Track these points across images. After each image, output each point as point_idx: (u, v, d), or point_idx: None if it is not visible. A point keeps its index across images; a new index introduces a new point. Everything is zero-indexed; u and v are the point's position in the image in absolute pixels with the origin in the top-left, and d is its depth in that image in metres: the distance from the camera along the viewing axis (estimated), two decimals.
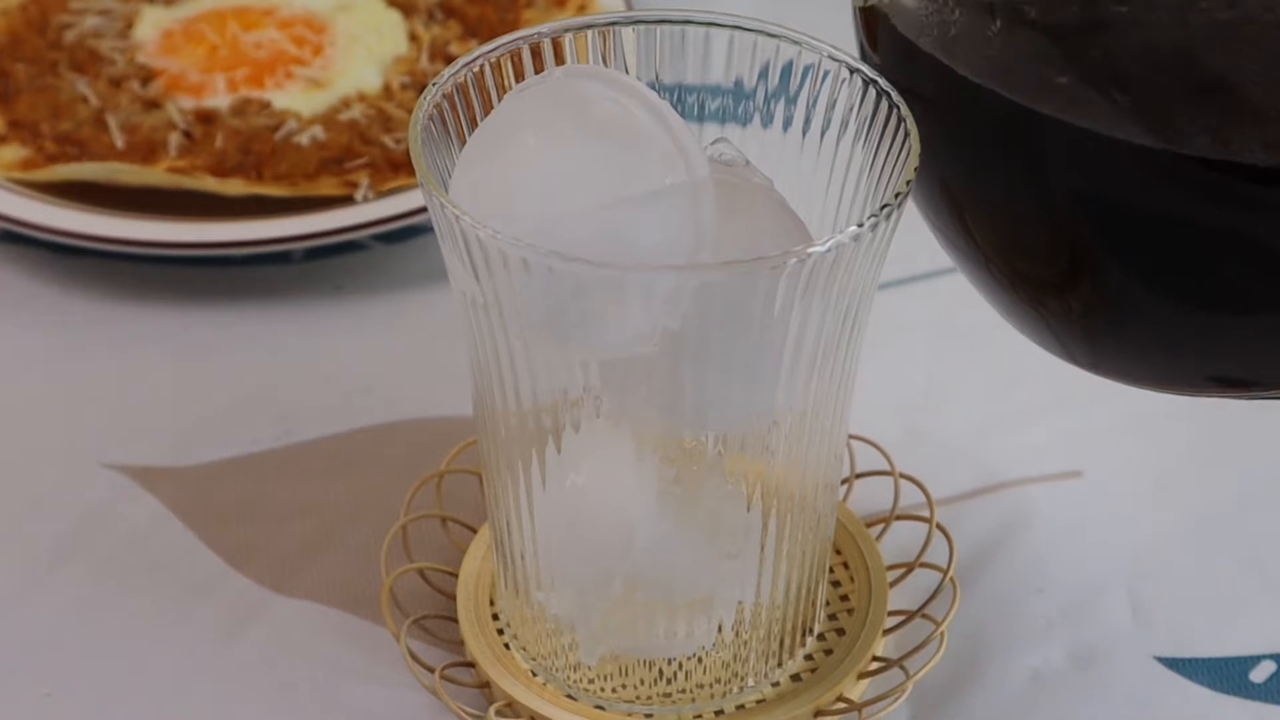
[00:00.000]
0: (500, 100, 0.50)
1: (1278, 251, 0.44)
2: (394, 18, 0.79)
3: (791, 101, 0.51)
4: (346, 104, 0.74)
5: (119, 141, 0.72)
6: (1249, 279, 0.44)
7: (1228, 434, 0.64)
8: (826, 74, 0.50)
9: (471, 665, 0.54)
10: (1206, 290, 0.45)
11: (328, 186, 0.70)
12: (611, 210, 0.45)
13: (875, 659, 0.54)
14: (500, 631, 0.55)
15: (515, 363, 0.48)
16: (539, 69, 0.51)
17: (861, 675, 0.54)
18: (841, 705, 0.53)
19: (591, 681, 0.53)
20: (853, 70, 0.50)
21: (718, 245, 0.46)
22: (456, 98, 0.50)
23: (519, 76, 0.51)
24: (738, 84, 0.52)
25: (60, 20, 0.79)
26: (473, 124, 0.50)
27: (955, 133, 0.49)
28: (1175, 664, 0.56)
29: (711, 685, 0.53)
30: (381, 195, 0.70)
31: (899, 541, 0.58)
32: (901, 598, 0.56)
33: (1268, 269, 0.44)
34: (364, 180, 0.70)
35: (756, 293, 0.45)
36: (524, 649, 0.54)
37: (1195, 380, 0.48)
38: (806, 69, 0.51)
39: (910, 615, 0.55)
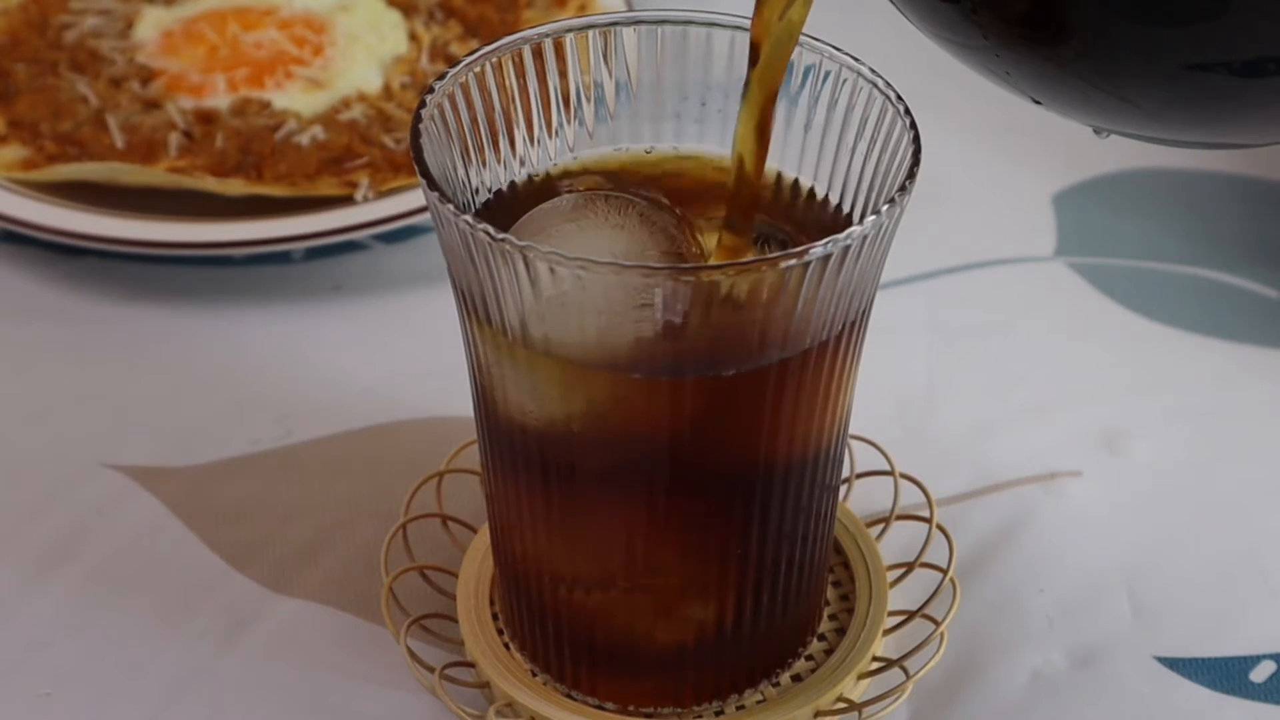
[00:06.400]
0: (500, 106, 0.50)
1: None
2: (394, 18, 0.79)
3: (793, 102, 0.51)
4: (346, 104, 0.74)
5: (119, 141, 0.72)
6: None
7: (1228, 434, 0.64)
8: (828, 74, 0.50)
9: (471, 665, 0.54)
10: None
11: (328, 186, 0.70)
12: None
13: (875, 659, 0.54)
14: (500, 631, 0.55)
15: (515, 364, 0.48)
16: (539, 69, 0.51)
17: (861, 675, 0.54)
18: (841, 705, 0.53)
19: (592, 681, 0.53)
20: (854, 71, 0.50)
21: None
22: (458, 98, 0.50)
23: (519, 76, 0.51)
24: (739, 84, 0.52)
25: (60, 20, 0.79)
26: (473, 124, 0.50)
27: None
28: (1175, 664, 0.56)
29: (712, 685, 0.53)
30: (381, 195, 0.70)
31: (899, 541, 0.58)
32: (901, 598, 0.56)
33: None
34: (364, 180, 0.70)
35: (756, 294, 0.45)
36: (523, 648, 0.54)
37: (1177, 74, 0.46)
38: (808, 69, 0.51)
39: (910, 615, 0.55)
